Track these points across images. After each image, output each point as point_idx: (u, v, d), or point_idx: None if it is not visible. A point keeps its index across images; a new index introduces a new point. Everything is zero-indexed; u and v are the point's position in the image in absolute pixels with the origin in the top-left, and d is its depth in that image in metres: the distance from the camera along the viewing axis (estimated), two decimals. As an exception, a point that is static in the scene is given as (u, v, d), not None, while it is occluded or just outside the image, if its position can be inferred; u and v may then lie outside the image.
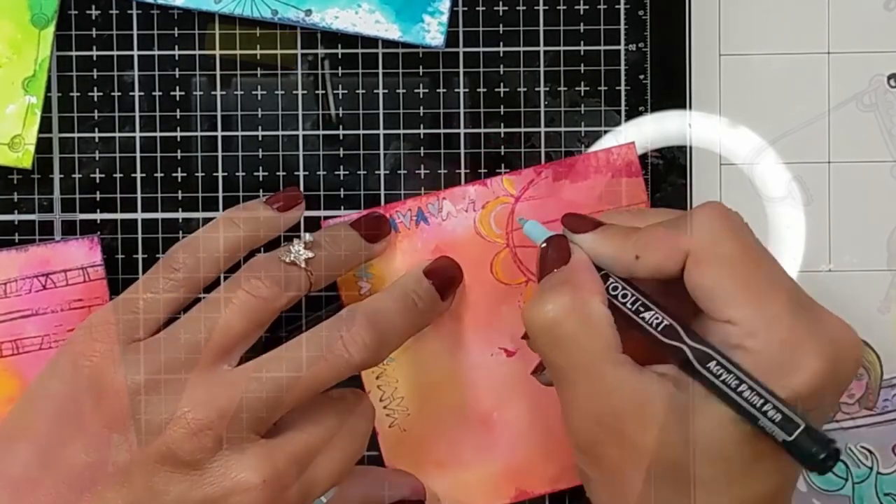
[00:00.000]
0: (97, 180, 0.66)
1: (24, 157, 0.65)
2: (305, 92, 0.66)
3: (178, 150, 0.66)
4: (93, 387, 0.56)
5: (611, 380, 0.56)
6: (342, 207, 0.66)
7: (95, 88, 0.66)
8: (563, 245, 0.59)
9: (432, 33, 0.65)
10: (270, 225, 0.61)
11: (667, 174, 0.66)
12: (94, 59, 0.66)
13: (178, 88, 0.66)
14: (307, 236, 0.60)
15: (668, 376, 0.56)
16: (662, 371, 0.56)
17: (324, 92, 0.66)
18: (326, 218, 0.66)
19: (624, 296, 0.57)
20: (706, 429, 0.55)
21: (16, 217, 0.66)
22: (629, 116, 0.66)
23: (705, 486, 0.55)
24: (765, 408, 0.53)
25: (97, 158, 0.66)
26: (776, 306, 0.55)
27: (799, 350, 0.55)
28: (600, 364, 0.56)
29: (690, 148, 0.66)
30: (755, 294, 0.55)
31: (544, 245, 0.60)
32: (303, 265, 0.59)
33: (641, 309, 0.57)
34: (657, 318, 0.57)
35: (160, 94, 0.66)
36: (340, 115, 0.66)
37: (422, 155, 0.66)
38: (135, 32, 0.66)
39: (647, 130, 0.66)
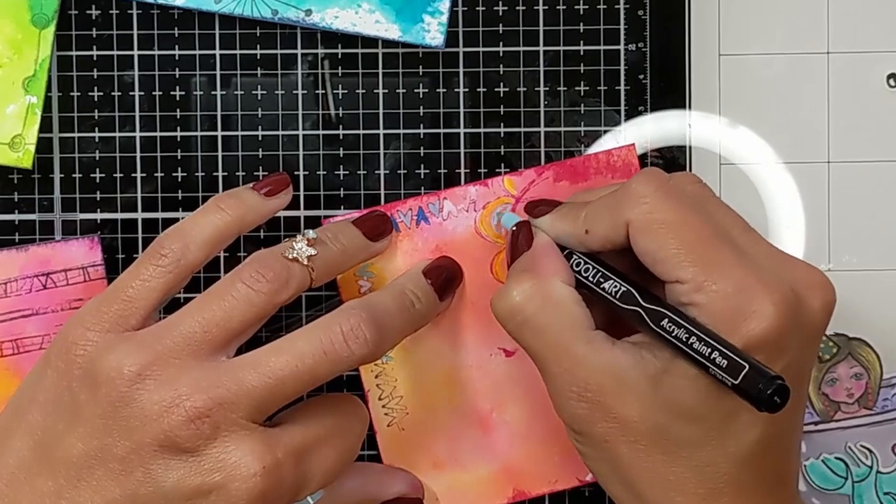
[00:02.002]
0: (97, 180, 0.66)
1: (24, 157, 0.65)
2: (305, 92, 0.66)
3: (179, 150, 0.66)
4: (87, 376, 0.56)
5: (584, 355, 0.57)
6: (342, 207, 0.66)
7: (96, 88, 0.66)
8: (527, 230, 0.62)
9: (432, 33, 0.65)
10: (257, 210, 0.61)
11: (666, 174, 0.66)
12: (95, 58, 0.66)
13: (178, 88, 0.66)
14: (310, 233, 0.60)
15: (642, 344, 0.57)
16: (636, 340, 0.58)
17: (324, 92, 0.66)
18: (326, 218, 0.66)
19: (586, 270, 0.59)
20: (677, 388, 0.56)
21: (16, 217, 0.66)
22: (629, 116, 0.66)
23: (690, 446, 0.56)
24: (712, 356, 0.54)
25: (97, 158, 0.66)
26: (720, 259, 0.56)
27: (749, 297, 0.55)
28: (570, 341, 0.57)
29: (690, 148, 0.67)
30: (696, 251, 0.56)
31: (513, 229, 0.62)
32: (305, 262, 0.59)
33: (601, 280, 0.59)
34: (615, 287, 0.58)
35: (160, 93, 0.66)
36: (340, 114, 0.66)
37: (422, 155, 0.67)
38: (135, 32, 0.66)
39: (647, 130, 0.66)
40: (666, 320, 0.56)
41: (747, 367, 0.53)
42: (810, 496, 0.67)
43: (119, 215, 0.66)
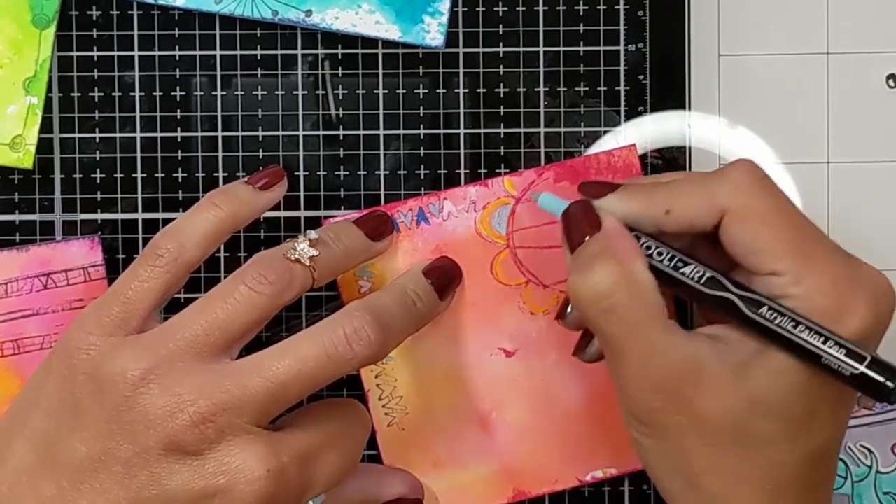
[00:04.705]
0: (98, 180, 0.66)
1: (25, 158, 0.65)
2: (306, 92, 0.66)
3: (179, 151, 0.66)
4: (91, 381, 0.56)
5: (664, 345, 0.56)
6: (342, 207, 0.66)
7: (96, 89, 0.66)
8: (590, 210, 0.59)
9: (432, 34, 0.65)
10: (252, 204, 0.61)
11: (666, 174, 0.66)
12: (95, 59, 0.66)
13: (178, 89, 0.66)
14: (312, 233, 0.60)
15: (719, 337, 0.56)
16: (710, 332, 0.57)
17: (324, 92, 0.66)
18: (327, 218, 0.66)
19: (660, 253, 0.57)
20: (763, 383, 0.55)
21: (17, 217, 0.66)
22: (629, 117, 0.66)
23: (766, 444, 0.56)
24: (827, 344, 0.53)
25: (98, 159, 0.66)
26: (818, 254, 0.56)
27: (846, 295, 0.55)
28: (651, 331, 0.56)
29: (690, 148, 0.67)
30: (796, 245, 0.56)
31: (569, 212, 0.59)
32: (307, 263, 0.59)
33: (680, 264, 0.57)
34: (699, 272, 0.56)
35: (161, 94, 0.66)
36: (341, 115, 0.66)
37: (422, 155, 0.67)
38: (135, 33, 0.66)
39: (647, 131, 0.67)
40: (765, 308, 0.55)
41: (868, 357, 0.53)
42: (810, 496, 0.67)
43: (119, 216, 0.66)
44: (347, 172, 0.67)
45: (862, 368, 0.53)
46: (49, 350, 0.60)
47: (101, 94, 0.66)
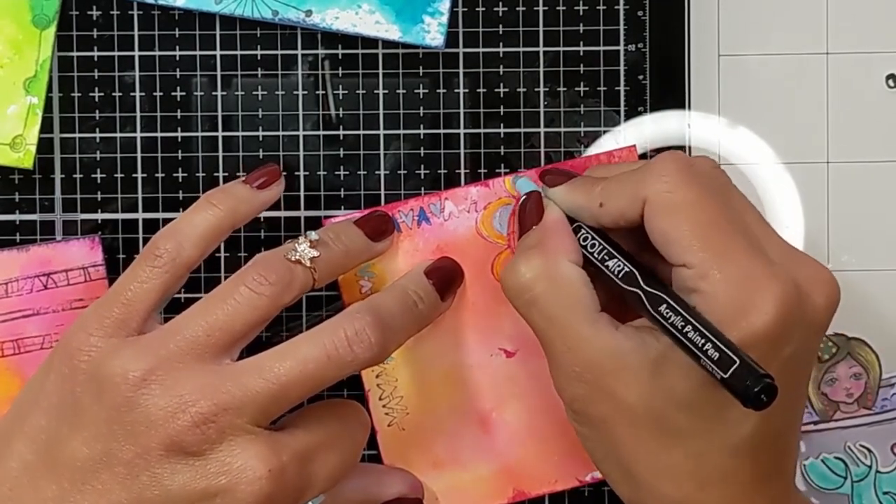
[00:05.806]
0: (98, 180, 0.66)
1: (25, 158, 0.65)
2: (306, 92, 0.66)
3: (179, 151, 0.66)
4: (92, 381, 0.56)
5: (586, 337, 0.57)
6: (342, 207, 0.66)
7: (97, 89, 0.66)
8: (537, 201, 0.62)
9: (432, 34, 0.66)
10: (250, 203, 0.61)
11: (666, 174, 0.66)
12: (96, 59, 0.66)
13: (178, 89, 0.66)
14: (312, 234, 0.60)
15: (645, 328, 0.57)
16: (639, 324, 0.58)
17: (324, 92, 0.66)
18: (327, 218, 0.66)
19: (592, 246, 0.59)
20: (673, 376, 0.56)
21: (17, 217, 0.66)
22: (628, 117, 0.67)
23: (684, 435, 0.56)
24: (705, 347, 0.54)
25: (98, 159, 0.66)
26: (730, 248, 0.56)
27: (753, 290, 0.55)
28: (575, 322, 0.57)
29: (690, 148, 0.67)
30: (708, 236, 0.56)
31: (523, 199, 0.62)
32: (308, 264, 0.59)
33: (606, 258, 0.59)
34: (619, 266, 0.58)
35: (161, 94, 0.66)
36: (341, 115, 0.66)
37: (422, 155, 0.67)
38: (136, 33, 0.66)
39: (647, 131, 0.67)
40: (664, 306, 0.55)
41: (737, 362, 0.53)
42: (809, 496, 0.67)
43: (120, 216, 0.67)
44: (347, 172, 0.67)
45: (728, 374, 0.53)
46: (49, 350, 0.60)
47: (102, 94, 0.66)
